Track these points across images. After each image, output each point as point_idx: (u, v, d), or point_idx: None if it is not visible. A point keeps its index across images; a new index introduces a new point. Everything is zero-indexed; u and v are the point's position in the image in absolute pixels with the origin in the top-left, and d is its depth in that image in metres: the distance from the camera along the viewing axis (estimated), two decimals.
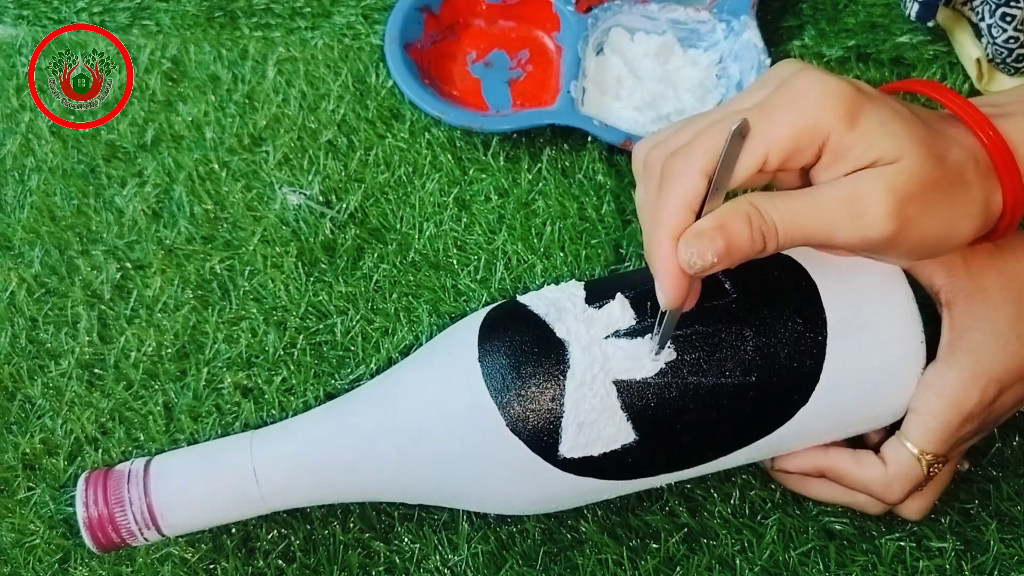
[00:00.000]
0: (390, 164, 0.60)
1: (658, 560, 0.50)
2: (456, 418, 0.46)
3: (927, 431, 0.45)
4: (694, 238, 0.40)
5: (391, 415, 0.47)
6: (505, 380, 0.45)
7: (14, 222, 0.59)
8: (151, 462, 0.47)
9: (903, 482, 0.46)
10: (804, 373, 0.45)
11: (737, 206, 0.40)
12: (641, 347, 0.45)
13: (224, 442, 0.49)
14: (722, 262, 0.40)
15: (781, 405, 0.46)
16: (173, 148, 0.61)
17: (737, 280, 0.46)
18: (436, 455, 0.46)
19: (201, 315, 0.56)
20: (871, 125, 0.40)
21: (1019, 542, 0.50)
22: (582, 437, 0.45)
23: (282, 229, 0.58)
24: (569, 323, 0.46)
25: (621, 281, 0.48)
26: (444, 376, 0.47)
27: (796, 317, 0.45)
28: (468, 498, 0.49)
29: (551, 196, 0.59)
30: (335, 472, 0.47)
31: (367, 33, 0.66)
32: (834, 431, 0.48)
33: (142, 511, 0.46)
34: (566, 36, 0.64)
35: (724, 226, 0.40)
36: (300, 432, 0.48)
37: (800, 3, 0.67)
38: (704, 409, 0.45)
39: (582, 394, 0.44)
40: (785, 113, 0.40)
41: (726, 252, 0.40)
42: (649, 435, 0.45)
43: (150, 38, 0.66)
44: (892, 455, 0.46)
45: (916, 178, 0.40)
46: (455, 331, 0.49)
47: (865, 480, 0.47)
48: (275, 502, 0.48)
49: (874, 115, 0.40)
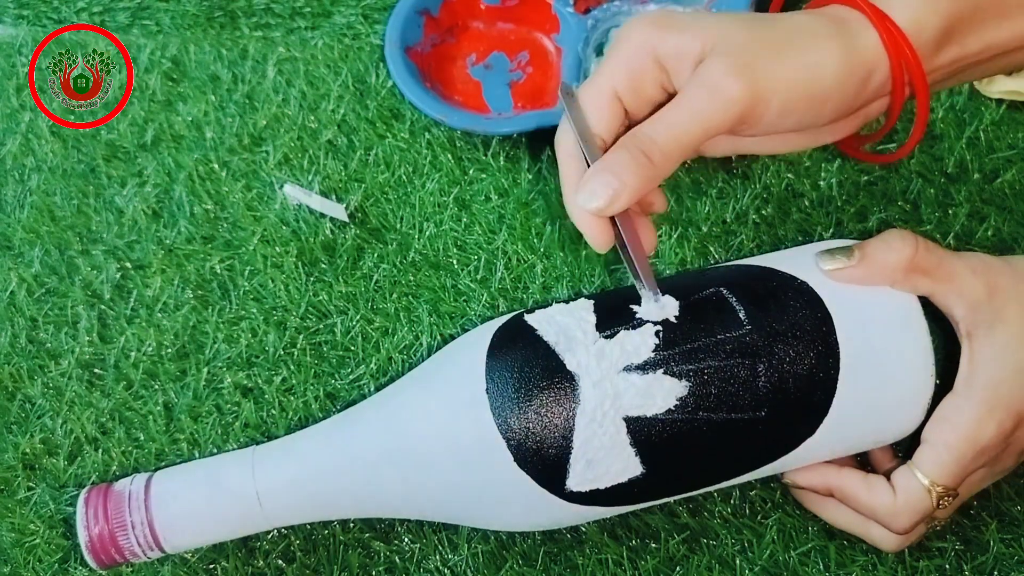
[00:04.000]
0: (390, 164, 0.60)
1: (658, 560, 0.50)
2: (463, 450, 0.45)
3: (940, 464, 0.45)
4: (584, 183, 0.43)
5: (396, 443, 0.46)
6: (513, 413, 0.44)
7: (14, 222, 0.59)
8: (151, 482, 0.47)
9: (911, 513, 0.46)
10: (814, 406, 0.45)
11: (615, 145, 0.43)
12: (652, 383, 0.44)
13: (226, 461, 0.48)
14: (622, 194, 0.43)
15: (788, 436, 0.46)
16: (173, 148, 0.61)
17: (752, 309, 0.45)
18: (441, 484, 0.46)
19: (201, 315, 0.56)
20: (687, 21, 0.44)
21: (1019, 542, 0.50)
22: (590, 473, 0.44)
23: (282, 229, 0.58)
24: (580, 355, 0.44)
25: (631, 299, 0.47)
26: (451, 406, 0.46)
27: (809, 351, 0.45)
28: (472, 520, 0.49)
29: (551, 196, 0.59)
30: (339, 496, 0.47)
31: (367, 33, 0.66)
32: (838, 454, 0.48)
33: (145, 535, 0.45)
34: (566, 38, 0.64)
35: (603, 164, 0.43)
36: (303, 456, 0.47)
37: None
38: (713, 443, 0.45)
39: (592, 431, 0.44)
40: (614, 53, 0.45)
41: (618, 182, 0.43)
42: (657, 468, 0.45)
43: (150, 38, 0.66)
44: (902, 484, 0.46)
45: (750, 39, 0.43)
46: (462, 352, 0.48)
47: (873, 505, 0.47)
48: (278, 521, 0.47)
49: (687, 15, 0.44)
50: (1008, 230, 0.57)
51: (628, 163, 0.42)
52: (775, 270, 0.48)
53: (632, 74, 0.44)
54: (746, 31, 0.43)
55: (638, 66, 0.44)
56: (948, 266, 0.45)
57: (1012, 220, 0.58)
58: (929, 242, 0.46)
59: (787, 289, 0.46)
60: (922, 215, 0.58)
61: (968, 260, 0.46)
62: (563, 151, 0.46)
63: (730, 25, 0.43)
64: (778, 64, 0.42)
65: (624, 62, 0.44)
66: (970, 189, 0.59)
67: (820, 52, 0.43)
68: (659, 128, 0.43)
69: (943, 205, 0.58)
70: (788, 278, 0.47)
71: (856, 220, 0.58)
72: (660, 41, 0.43)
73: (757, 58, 0.42)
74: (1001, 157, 0.60)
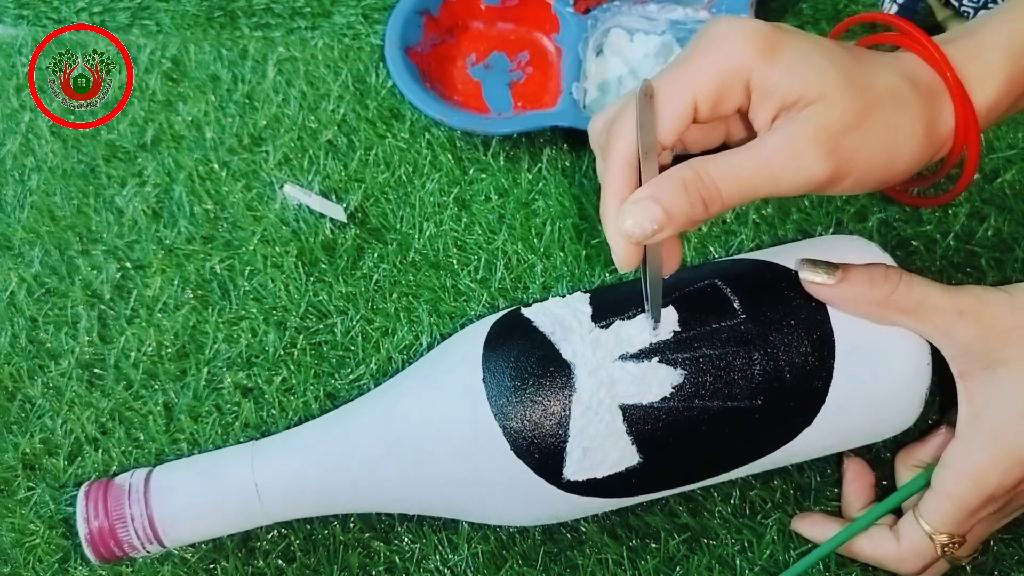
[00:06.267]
0: (390, 164, 0.60)
1: (658, 560, 0.50)
2: (460, 440, 0.45)
3: (942, 512, 0.44)
4: (630, 206, 0.41)
5: (394, 434, 0.46)
6: (509, 402, 0.44)
7: (14, 222, 0.59)
8: (151, 476, 0.47)
9: (915, 559, 0.45)
10: (810, 395, 0.45)
11: (673, 172, 0.41)
12: (648, 371, 0.44)
13: (225, 455, 0.48)
14: (665, 229, 0.40)
15: (786, 426, 0.46)
16: (173, 148, 0.61)
17: (747, 299, 0.46)
18: (439, 475, 0.46)
19: (201, 315, 0.56)
20: (791, 59, 0.41)
21: (1019, 542, 0.50)
22: (587, 461, 0.44)
23: (282, 229, 0.58)
24: (575, 344, 0.45)
25: (627, 294, 0.48)
26: (448, 396, 0.46)
27: (805, 340, 0.45)
28: (471, 514, 0.49)
29: (551, 196, 0.59)
30: (338, 489, 0.47)
31: (367, 33, 0.66)
32: (837, 447, 0.49)
33: (144, 527, 0.45)
34: (566, 37, 0.64)
35: (657, 195, 0.40)
36: (302, 448, 0.47)
37: (800, 3, 0.67)
38: (709, 432, 0.45)
39: (588, 419, 0.44)
40: (705, 59, 0.41)
41: (666, 219, 0.40)
42: (654, 457, 0.45)
43: (150, 38, 0.66)
44: (905, 531, 0.46)
45: (844, 112, 0.40)
46: (459, 345, 0.48)
47: (877, 556, 0.47)
48: (277, 515, 0.48)
49: (793, 49, 0.41)
50: (1008, 230, 0.57)
51: (682, 204, 0.40)
52: (769, 262, 0.48)
53: (720, 90, 0.41)
54: (845, 91, 0.41)
55: (728, 85, 0.41)
56: (930, 306, 0.44)
57: (1012, 220, 0.58)
58: (915, 279, 0.44)
59: (781, 280, 0.46)
60: (922, 215, 0.58)
61: (958, 299, 0.44)
62: (618, 157, 0.42)
63: (832, 78, 0.41)
64: (864, 141, 0.41)
65: (715, 76, 0.41)
66: (970, 189, 0.59)
67: (904, 130, 0.42)
68: (727, 176, 0.40)
69: (943, 205, 0.58)
70: (783, 269, 0.47)
71: (856, 220, 0.58)
72: (759, 72, 0.41)
73: (847, 135, 0.40)
74: (1001, 157, 0.60)
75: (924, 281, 0.44)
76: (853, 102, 0.40)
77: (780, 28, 0.42)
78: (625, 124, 0.42)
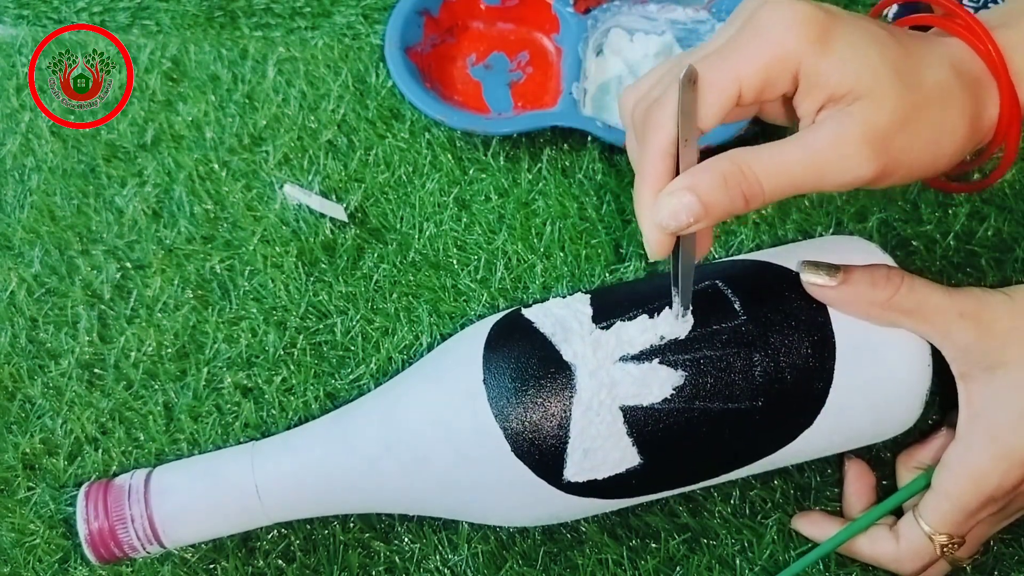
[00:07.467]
0: (390, 164, 0.60)
1: (658, 560, 0.50)
2: (460, 441, 0.45)
3: (942, 513, 0.44)
4: (667, 197, 0.40)
5: (395, 435, 0.46)
6: (510, 404, 0.44)
7: (14, 222, 0.59)
8: (151, 476, 0.47)
9: (914, 559, 0.46)
10: (811, 396, 0.45)
11: (713, 164, 0.40)
12: (648, 372, 0.44)
13: (225, 456, 0.48)
14: (702, 221, 0.40)
15: (786, 427, 0.46)
16: (173, 148, 0.61)
17: (747, 299, 0.46)
18: (440, 476, 0.46)
19: (201, 315, 0.56)
20: (843, 51, 0.40)
21: (1019, 542, 0.50)
22: (587, 463, 0.44)
23: (282, 229, 0.58)
24: (576, 345, 0.45)
25: (628, 294, 0.48)
26: (448, 397, 0.46)
27: (805, 341, 0.45)
28: (471, 514, 0.49)
29: (551, 196, 0.59)
30: (338, 490, 0.47)
31: (367, 33, 0.66)
32: (837, 448, 0.48)
33: (144, 528, 0.45)
34: (566, 37, 0.64)
35: (695, 186, 0.39)
36: (302, 448, 0.47)
37: None
38: (710, 433, 0.45)
39: (588, 420, 0.44)
40: (753, 45, 0.40)
41: (704, 212, 0.39)
42: (654, 458, 0.45)
43: (150, 38, 0.66)
44: (905, 532, 0.46)
45: (894, 111, 0.40)
46: (459, 345, 0.48)
47: (876, 556, 0.47)
48: (278, 515, 0.48)
49: (845, 39, 0.40)
50: (1008, 230, 0.57)
51: (722, 198, 0.39)
52: (770, 263, 0.48)
53: (767, 77, 0.40)
54: (896, 90, 0.40)
55: (776, 73, 0.40)
56: (931, 308, 0.44)
57: (1012, 220, 0.58)
58: (917, 281, 0.44)
59: (782, 281, 0.46)
60: (922, 215, 0.58)
61: (958, 300, 0.44)
62: (657, 146, 0.41)
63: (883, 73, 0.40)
64: (912, 141, 0.40)
65: (763, 64, 0.40)
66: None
67: (950, 125, 0.41)
68: (770, 171, 0.39)
69: (943, 205, 0.58)
70: (783, 270, 0.47)
71: (856, 220, 0.58)
72: (810, 62, 0.39)
73: (896, 136, 0.40)
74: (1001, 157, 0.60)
75: (925, 283, 0.44)
76: (903, 101, 0.40)
77: (831, 13, 0.40)
78: (665, 111, 0.40)
